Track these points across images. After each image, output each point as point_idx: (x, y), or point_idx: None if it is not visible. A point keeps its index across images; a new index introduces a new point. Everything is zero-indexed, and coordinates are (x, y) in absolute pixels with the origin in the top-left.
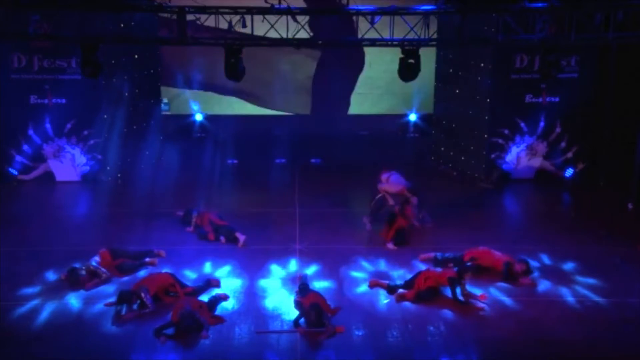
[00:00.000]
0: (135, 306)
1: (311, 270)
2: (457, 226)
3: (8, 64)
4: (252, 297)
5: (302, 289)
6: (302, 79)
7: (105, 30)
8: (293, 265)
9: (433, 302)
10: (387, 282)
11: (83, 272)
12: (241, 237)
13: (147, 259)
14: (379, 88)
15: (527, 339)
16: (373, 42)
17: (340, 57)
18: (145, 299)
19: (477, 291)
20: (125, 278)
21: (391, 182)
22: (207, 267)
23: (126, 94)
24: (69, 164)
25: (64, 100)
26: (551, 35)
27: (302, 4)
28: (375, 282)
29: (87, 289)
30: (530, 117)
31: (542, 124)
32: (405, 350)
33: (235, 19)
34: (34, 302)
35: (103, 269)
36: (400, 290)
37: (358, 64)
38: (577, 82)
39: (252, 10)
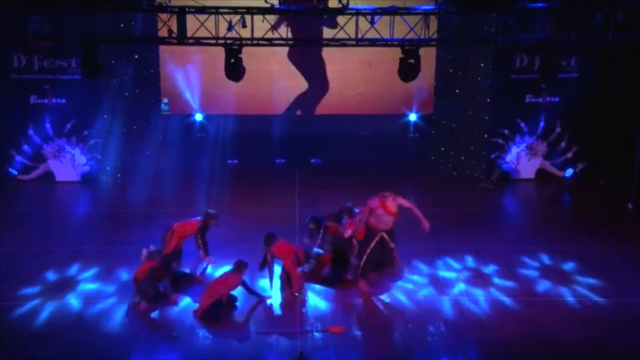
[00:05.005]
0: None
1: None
2: (457, 226)
3: (8, 64)
4: (252, 297)
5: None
6: None
7: (105, 30)
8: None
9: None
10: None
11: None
12: None
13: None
14: (379, 88)
15: (527, 339)
16: (373, 42)
17: None
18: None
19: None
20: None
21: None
22: (208, 268)
23: (126, 94)
24: (69, 164)
25: (64, 100)
26: (551, 35)
27: None
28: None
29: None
30: (530, 117)
31: (542, 124)
32: (406, 350)
33: (235, 19)
34: (34, 302)
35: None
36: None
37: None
38: (577, 82)
39: (252, 10)
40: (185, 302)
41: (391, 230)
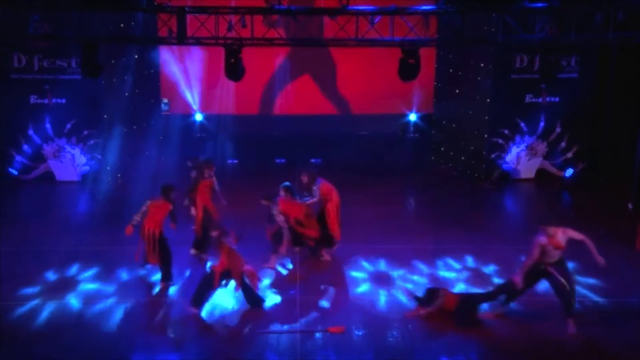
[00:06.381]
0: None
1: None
2: (457, 226)
3: (8, 64)
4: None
5: None
6: None
7: (105, 30)
8: (293, 265)
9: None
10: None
11: None
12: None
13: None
14: (379, 88)
15: (527, 339)
16: (373, 42)
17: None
18: None
19: None
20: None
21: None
22: (207, 267)
23: (126, 94)
24: (69, 164)
25: (64, 100)
26: (551, 35)
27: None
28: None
29: None
30: (530, 117)
31: (542, 124)
32: (405, 350)
33: (236, 19)
34: (34, 302)
35: None
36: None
37: None
38: (577, 82)
39: (252, 10)
40: (185, 301)
41: (556, 261)
